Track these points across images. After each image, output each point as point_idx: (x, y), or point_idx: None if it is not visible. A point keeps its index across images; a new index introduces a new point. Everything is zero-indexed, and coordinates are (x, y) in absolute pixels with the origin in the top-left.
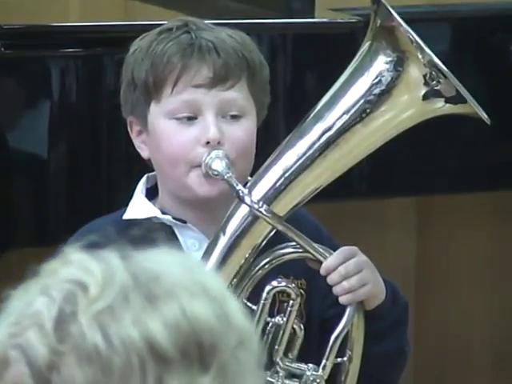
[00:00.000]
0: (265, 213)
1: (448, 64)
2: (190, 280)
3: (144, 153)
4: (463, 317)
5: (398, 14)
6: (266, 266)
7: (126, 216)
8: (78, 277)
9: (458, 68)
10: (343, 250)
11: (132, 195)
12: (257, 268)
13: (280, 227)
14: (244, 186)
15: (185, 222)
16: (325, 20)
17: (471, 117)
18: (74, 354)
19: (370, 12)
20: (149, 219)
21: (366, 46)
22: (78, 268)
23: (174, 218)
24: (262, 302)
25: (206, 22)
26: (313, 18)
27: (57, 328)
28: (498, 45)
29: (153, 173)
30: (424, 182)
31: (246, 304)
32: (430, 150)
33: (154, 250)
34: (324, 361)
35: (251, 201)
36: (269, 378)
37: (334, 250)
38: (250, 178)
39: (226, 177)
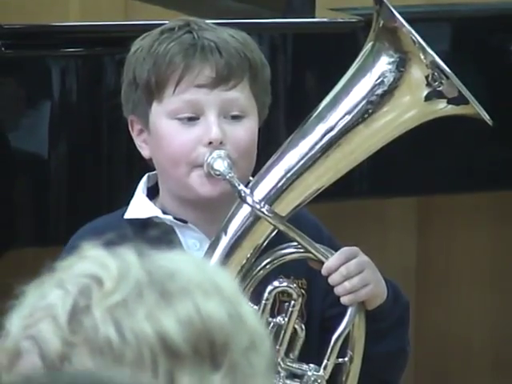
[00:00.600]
0: (266, 213)
1: (448, 64)
2: (204, 279)
3: (145, 152)
4: (463, 316)
5: (398, 13)
6: (268, 267)
7: (127, 215)
8: (94, 271)
9: (458, 68)
10: (345, 251)
11: (133, 195)
12: (258, 268)
13: (282, 227)
14: (246, 186)
15: (186, 221)
16: (325, 20)
17: (472, 117)
18: (87, 346)
19: (371, 12)
20: (150, 219)
21: (368, 46)
22: (93, 263)
23: (175, 218)
24: (263, 302)
25: (207, 21)
26: (313, 17)
27: (71, 320)
28: (498, 45)
29: (153, 172)
30: (424, 181)
31: None
32: (430, 150)
33: (169, 251)
34: (325, 361)
35: (253, 201)
36: None
37: (335, 250)
38: (251, 178)
39: (227, 177)
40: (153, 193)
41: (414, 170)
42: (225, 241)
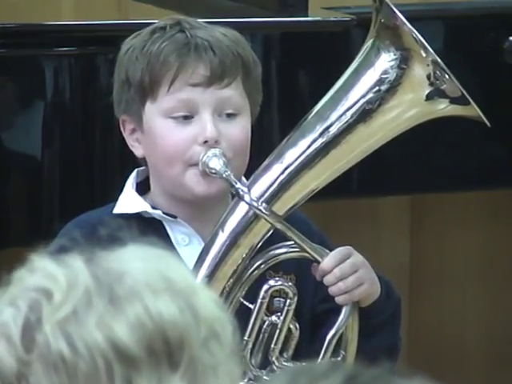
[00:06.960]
0: (264, 211)
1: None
2: (154, 276)
3: (138, 151)
4: (457, 315)
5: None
6: (262, 267)
7: (116, 210)
8: (43, 284)
9: (452, 67)
10: (339, 251)
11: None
12: (252, 269)
13: (279, 226)
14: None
15: (175, 216)
16: (318, 18)
17: (465, 117)
18: (41, 363)
19: (364, 11)
20: (138, 214)
21: (369, 43)
22: (42, 275)
23: (164, 213)
24: (259, 300)
25: (198, 20)
26: (306, 16)
27: (23, 338)
28: (491, 43)
29: (142, 167)
30: (417, 181)
31: (242, 303)
32: (423, 150)
33: (125, 247)
34: (319, 360)
35: (251, 199)
36: (264, 377)
37: (325, 245)
38: (243, 179)
39: (224, 175)
40: (142, 188)
41: (407, 169)
42: (222, 238)
